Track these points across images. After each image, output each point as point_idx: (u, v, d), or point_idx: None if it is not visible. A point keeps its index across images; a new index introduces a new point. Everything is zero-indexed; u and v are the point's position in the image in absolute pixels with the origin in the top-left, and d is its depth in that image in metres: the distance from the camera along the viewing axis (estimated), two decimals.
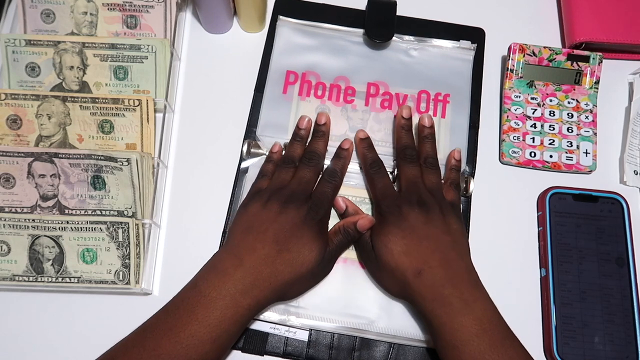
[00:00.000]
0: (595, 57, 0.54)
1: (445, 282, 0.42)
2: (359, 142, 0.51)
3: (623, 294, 0.48)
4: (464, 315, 0.41)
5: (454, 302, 0.41)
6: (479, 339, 0.40)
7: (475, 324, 0.40)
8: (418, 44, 0.56)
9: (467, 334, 0.40)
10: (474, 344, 0.40)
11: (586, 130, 0.54)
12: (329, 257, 0.46)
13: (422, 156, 0.49)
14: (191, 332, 0.39)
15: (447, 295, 0.41)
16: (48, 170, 0.48)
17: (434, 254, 0.43)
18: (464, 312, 0.41)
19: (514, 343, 0.41)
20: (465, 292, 0.42)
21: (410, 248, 0.44)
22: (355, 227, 0.46)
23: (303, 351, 0.47)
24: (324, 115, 0.51)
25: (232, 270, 0.41)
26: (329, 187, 0.47)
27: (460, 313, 0.41)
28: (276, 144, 0.51)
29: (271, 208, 0.44)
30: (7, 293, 0.48)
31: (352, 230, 0.46)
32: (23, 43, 0.51)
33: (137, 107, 0.50)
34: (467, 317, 0.41)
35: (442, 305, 0.41)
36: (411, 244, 0.44)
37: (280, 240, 0.43)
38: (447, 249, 0.44)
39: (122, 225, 0.46)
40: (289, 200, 0.45)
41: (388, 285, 0.46)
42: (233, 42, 0.57)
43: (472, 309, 0.41)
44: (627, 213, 0.51)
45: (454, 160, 0.51)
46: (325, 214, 0.46)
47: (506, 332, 0.41)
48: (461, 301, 0.41)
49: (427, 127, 0.51)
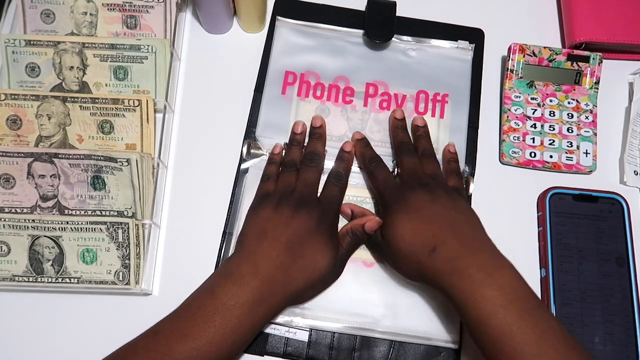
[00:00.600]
0: (595, 57, 0.54)
1: (462, 253, 0.41)
2: (356, 143, 0.51)
3: (623, 294, 0.48)
4: (487, 287, 0.39)
5: (474, 274, 0.39)
6: (505, 310, 0.38)
7: (499, 294, 0.38)
8: (416, 45, 0.56)
9: (491, 306, 0.38)
10: (500, 317, 0.37)
11: (586, 131, 0.54)
12: (340, 261, 0.46)
13: (419, 150, 0.50)
14: (208, 339, 0.39)
15: (466, 266, 0.40)
16: (48, 170, 0.48)
17: (445, 229, 0.42)
18: (486, 283, 0.39)
19: (544, 314, 0.38)
20: (485, 262, 0.40)
21: (418, 228, 0.43)
22: (364, 229, 0.46)
23: (303, 351, 0.47)
24: (319, 119, 0.52)
25: (249, 278, 0.41)
26: (336, 190, 0.48)
27: (482, 284, 0.39)
28: (277, 145, 0.51)
29: (283, 212, 0.44)
30: (7, 293, 0.48)
31: (360, 232, 0.46)
32: (23, 43, 0.51)
33: (137, 108, 0.50)
34: (489, 288, 0.39)
35: (462, 278, 0.39)
36: (419, 225, 0.43)
37: (295, 247, 0.43)
38: (459, 223, 0.43)
39: (122, 225, 0.46)
40: (299, 205, 0.45)
41: (408, 272, 0.45)
42: (233, 42, 0.57)
43: (494, 279, 0.39)
44: (627, 213, 0.51)
45: (450, 153, 0.51)
46: (335, 218, 0.47)
47: (535, 302, 0.39)
48: (482, 271, 0.39)
49: (420, 126, 0.52)
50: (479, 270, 0.39)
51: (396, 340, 0.47)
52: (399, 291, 0.48)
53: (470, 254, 0.41)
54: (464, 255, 0.41)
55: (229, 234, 0.50)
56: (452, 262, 0.41)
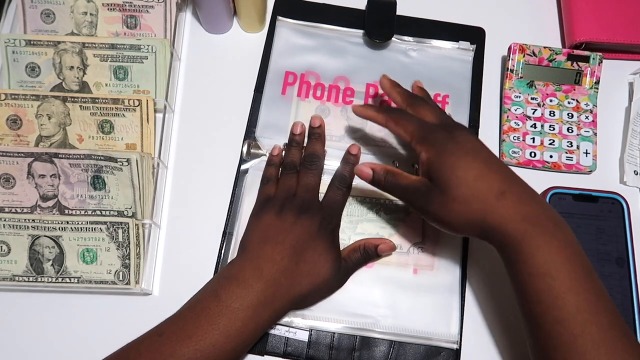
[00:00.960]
0: (595, 57, 0.54)
1: (531, 199, 0.39)
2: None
3: (623, 294, 0.48)
4: (557, 236, 0.37)
5: (544, 221, 0.38)
6: (570, 265, 0.36)
7: (567, 246, 0.37)
8: (417, 45, 0.56)
9: (561, 257, 0.37)
10: (567, 270, 0.36)
11: (586, 131, 0.54)
12: (345, 271, 0.46)
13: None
14: (212, 341, 0.39)
15: (537, 212, 0.38)
16: (48, 170, 0.48)
17: (507, 172, 0.40)
18: (556, 233, 0.37)
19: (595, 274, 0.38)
20: (548, 210, 0.39)
21: (484, 170, 0.40)
22: (376, 250, 0.47)
23: (303, 351, 0.47)
24: (318, 118, 0.51)
25: (254, 281, 0.41)
26: (339, 194, 0.48)
27: (553, 233, 0.37)
28: (276, 147, 0.51)
29: (285, 218, 0.45)
30: (7, 293, 0.48)
31: (371, 252, 0.47)
32: (23, 43, 0.51)
33: (137, 107, 0.50)
34: (559, 237, 0.37)
35: (534, 225, 0.37)
36: (483, 167, 0.40)
37: (298, 252, 0.43)
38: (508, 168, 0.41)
39: (122, 225, 0.46)
40: (301, 211, 0.45)
41: (463, 221, 0.40)
42: (233, 42, 0.57)
43: (561, 228, 0.38)
44: (627, 213, 0.51)
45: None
46: (337, 222, 0.47)
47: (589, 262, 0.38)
48: (550, 220, 0.38)
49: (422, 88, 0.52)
50: (548, 219, 0.38)
51: (396, 341, 0.47)
52: (399, 291, 0.48)
53: (536, 201, 0.39)
54: (532, 203, 0.39)
55: (229, 234, 0.50)
56: (524, 207, 0.38)
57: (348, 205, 0.50)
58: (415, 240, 0.50)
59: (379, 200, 0.51)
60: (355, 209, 0.51)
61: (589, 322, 0.36)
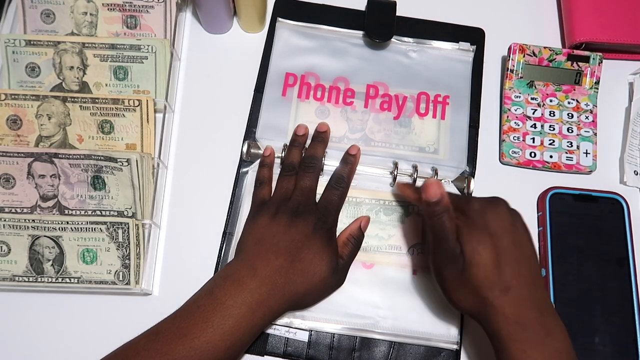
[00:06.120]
0: (595, 57, 0.54)
1: (531, 303, 0.39)
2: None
3: (623, 294, 0.48)
4: (546, 345, 0.38)
5: (537, 328, 0.38)
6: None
7: (555, 355, 0.38)
8: (417, 46, 0.56)
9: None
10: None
11: (586, 131, 0.54)
12: (342, 268, 0.46)
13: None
14: (206, 339, 0.39)
15: (531, 319, 0.38)
16: (48, 170, 0.48)
17: (522, 267, 0.39)
18: (546, 341, 0.38)
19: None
20: (547, 318, 0.39)
21: (502, 260, 0.39)
22: (361, 230, 0.48)
23: (303, 352, 0.47)
24: (326, 125, 0.52)
25: (248, 279, 0.41)
26: (335, 194, 0.48)
27: (542, 342, 0.38)
28: (268, 148, 0.51)
29: (280, 222, 0.45)
30: (7, 293, 0.48)
31: (358, 235, 0.48)
32: (23, 43, 0.51)
33: (137, 108, 0.50)
34: (548, 346, 0.38)
35: (525, 330, 0.38)
36: (504, 256, 0.39)
37: (293, 251, 0.43)
38: (532, 262, 0.40)
39: (122, 225, 0.46)
40: (296, 214, 0.45)
41: (464, 299, 0.41)
42: (233, 42, 0.57)
43: (553, 338, 0.38)
44: (627, 213, 0.51)
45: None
46: (333, 222, 0.47)
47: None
48: (543, 328, 0.38)
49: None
50: (541, 327, 0.38)
51: (396, 341, 0.47)
52: (398, 292, 0.48)
53: (538, 307, 0.39)
54: (531, 307, 0.39)
55: (229, 234, 0.50)
56: (520, 311, 0.38)
57: (348, 206, 0.50)
58: (414, 242, 0.50)
59: (378, 202, 0.51)
60: (355, 210, 0.51)
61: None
